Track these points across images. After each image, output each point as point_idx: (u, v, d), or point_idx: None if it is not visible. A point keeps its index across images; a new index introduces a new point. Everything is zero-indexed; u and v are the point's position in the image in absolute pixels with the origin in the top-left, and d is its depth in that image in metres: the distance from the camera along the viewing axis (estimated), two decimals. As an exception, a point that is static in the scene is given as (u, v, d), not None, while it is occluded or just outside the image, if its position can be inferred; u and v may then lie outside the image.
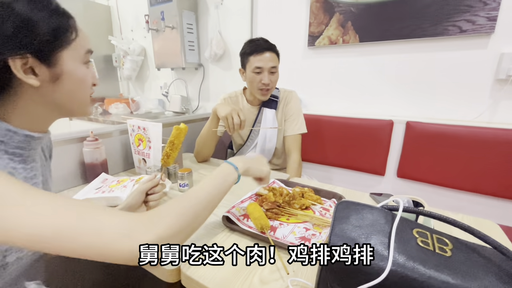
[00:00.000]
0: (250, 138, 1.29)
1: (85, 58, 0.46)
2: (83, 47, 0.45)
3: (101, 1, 2.50)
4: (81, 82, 0.45)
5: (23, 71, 0.39)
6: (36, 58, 0.39)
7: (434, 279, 0.30)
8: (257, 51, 1.09)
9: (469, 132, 1.14)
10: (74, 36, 0.44)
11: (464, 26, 1.15)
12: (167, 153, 0.67)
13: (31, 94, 0.41)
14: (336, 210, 0.40)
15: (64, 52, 0.42)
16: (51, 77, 0.42)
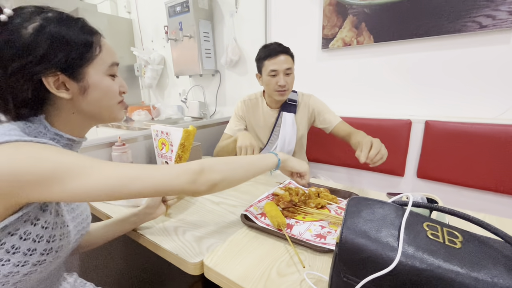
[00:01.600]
0: (271, 141, 1.31)
1: (110, 70, 0.50)
2: (107, 61, 0.49)
3: (123, 15, 2.66)
4: (106, 92, 0.50)
5: (56, 87, 0.44)
6: (65, 74, 0.44)
7: (442, 268, 0.32)
8: (271, 55, 1.13)
9: (492, 130, 1.10)
10: (98, 52, 0.48)
11: (484, 21, 1.12)
12: (179, 155, 0.72)
13: (67, 106, 0.47)
14: (348, 205, 0.42)
15: (90, 67, 0.47)
16: (79, 90, 0.46)
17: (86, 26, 0.47)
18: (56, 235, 0.46)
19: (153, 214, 0.69)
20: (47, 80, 0.43)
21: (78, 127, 0.51)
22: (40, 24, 0.41)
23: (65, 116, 0.48)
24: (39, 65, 0.41)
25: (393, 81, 1.40)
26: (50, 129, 0.46)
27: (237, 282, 0.48)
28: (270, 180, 1.02)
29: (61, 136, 0.48)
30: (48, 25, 0.42)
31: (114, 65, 0.51)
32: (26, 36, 0.40)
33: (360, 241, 0.37)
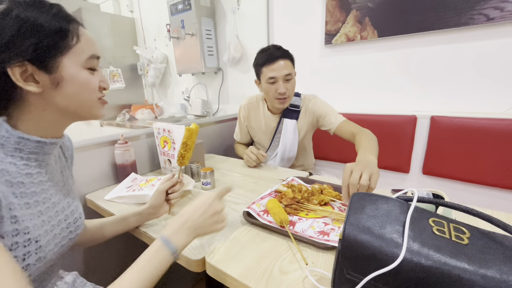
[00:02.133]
0: (271, 148, 1.28)
1: (89, 63, 0.45)
2: (85, 53, 0.45)
3: (126, 14, 2.66)
4: (84, 86, 0.45)
5: (23, 79, 0.39)
6: (34, 65, 0.39)
7: (449, 265, 0.31)
8: (269, 61, 1.06)
9: (499, 125, 1.07)
10: (75, 42, 0.43)
11: (491, 13, 1.09)
12: (182, 154, 0.71)
13: (37, 101, 0.42)
14: (351, 201, 0.41)
15: (64, 57, 0.42)
16: (52, 83, 0.42)
17: (61, 13, 0.42)
18: (18, 256, 0.40)
19: (156, 214, 0.69)
20: (13, 71, 0.38)
21: (51, 125, 0.46)
22: (6, 7, 0.37)
23: (35, 113, 0.43)
24: (4, 53, 0.37)
25: (397, 76, 1.38)
26: (13, 133, 0.41)
27: (239, 279, 0.48)
28: (273, 176, 1.01)
29: (27, 139, 0.43)
30: (16, 8, 0.38)
31: (93, 57, 0.46)
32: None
33: (364, 237, 0.36)
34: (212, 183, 0.92)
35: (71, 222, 0.53)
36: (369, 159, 0.72)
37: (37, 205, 0.45)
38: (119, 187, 0.92)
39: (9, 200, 0.40)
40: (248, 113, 1.30)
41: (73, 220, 0.54)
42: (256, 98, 1.29)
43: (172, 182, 0.70)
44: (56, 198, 0.50)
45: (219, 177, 1.03)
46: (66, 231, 0.52)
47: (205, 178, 0.91)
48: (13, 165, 0.42)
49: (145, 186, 0.86)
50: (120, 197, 0.85)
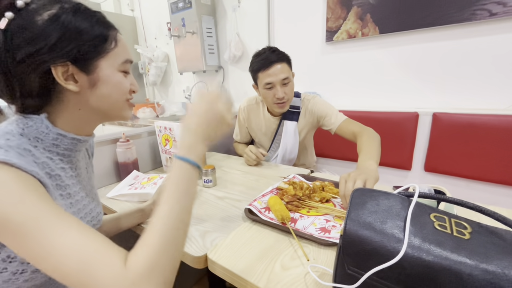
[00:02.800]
0: (272, 149, 1.27)
1: (123, 67, 0.48)
2: (121, 57, 0.48)
3: (127, 13, 2.67)
4: (116, 87, 0.48)
5: (64, 78, 0.42)
6: (75, 66, 0.42)
7: (450, 260, 0.31)
8: (264, 66, 1.02)
9: (502, 121, 1.07)
10: (113, 46, 0.46)
11: (494, 9, 1.08)
12: None
13: (74, 100, 0.45)
14: (352, 197, 0.42)
15: (102, 60, 0.45)
16: (89, 83, 0.45)
17: (102, 20, 0.46)
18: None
19: None
20: (56, 70, 0.41)
21: (84, 124, 0.49)
22: (55, 12, 0.40)
23: (71, 112, 0.46)
24: (49, 53, 0.40)
25: (399, 73, 1.37)
26: (52, 129, 0.44)
27: (241, 275, 0.48)
28: (274, 174, 1.01)
29: (64, 136, 0.46)
30: (64, 14, 0.41)
31: (127, 62, 0.50)
32: (39, 23, 0.39)
33: (365, 233, 0.36)
34: (213, 181, 0.92)
35: (94, 216, 0.55)
36: (367, 166, 0.72)
37: (69, 197, 0.48)
38: (121, 185, 0.92)
39: (50, 189, 0.41)
40: (248, 115, 1.28)
41: (96, 214, 0.56)
42: (256, 100, 1.27)
43: None
44: (83, 193, 0.53)
45: (221, 174, 1.03)
46: (91, 223, 0.54)
47: (207, 176, 0.91)
48: (50, 159, 0.45)
49: (147, 184, 0.86)
50: (122, 195, 0.86)
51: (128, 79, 0.50)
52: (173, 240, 0.37)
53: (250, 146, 1.14)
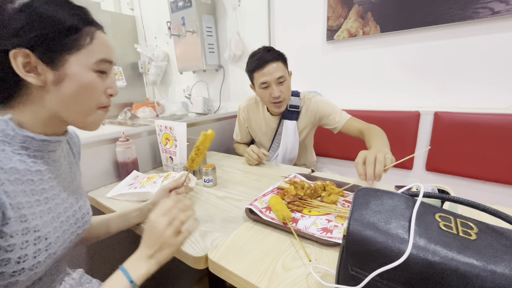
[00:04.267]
0: (272, 149, 1.26)
1: (98, 66, 0.45)
2: (96, 55, 0.44)
3: (126, 12, 2.66)
4: (86, 87, 0.44)
5: (26, 70, 0.39)
6: (37, 56, 0.39)
7: (457, 261, 0.30)
8: (259, 66, 1.02)
9: (503, 121, 1.06)
10: (87, 42, 0.43)
11: (496, 7, 1.08)
12: (192, 158, 0.71)
13: (38, 96, 0.42)
14: (355, 197, 0.41)
15: (72, 55, 0.42)
16: (54, 78, 0.41)
17: (81, 14, 0.43)
18: (29, 254, 0.41)
19: None
20: (15, 58, 0.38)
21: (51, 123, 0.45)
22: (29, 1, 0.38)
23: (36, 110, 0.42)
24: (10, 39, 0.37)
25: (400, 71, 1.36)
26: (19, 131, 0.41)
27: (242, 276, 0.48)
28: (275, 173, 1.00)
29: (32, 138, 0.42)
30: (37, 2, 0.39)
31: (104, 61, 0.45)
32: (9, 10, 0.37)
33: (368, 233, 0.35)
34: (214, 180, 0.92)
35: (79, 217, 0.54)
36: (381, 149, 0.75)
37: (47, 202, 0.46)
38: (121, 185, 0.91)
39: (17, 199, 0.40)
40: (247, 114, 1.29)
41: (81, 215, 0.54)
42: (255, 99, 1.27)
43: (177, 182, 0.70)
44: (65, 194, 0.51)
45: (221, 174, 1.03)
46: (75, 226, 0.52)
47: (207, 176, 0.90)
48: (22, 162, 0.42)
49: (146, 184, 0.86)
50: (122, 195, 0.85)
51: (104, 80, 0.46)
52: None
53: (252, 145, 1.13)
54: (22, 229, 0.40)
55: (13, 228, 0.39)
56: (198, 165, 0.73)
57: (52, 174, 0.48)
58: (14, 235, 0.39)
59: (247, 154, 1.11)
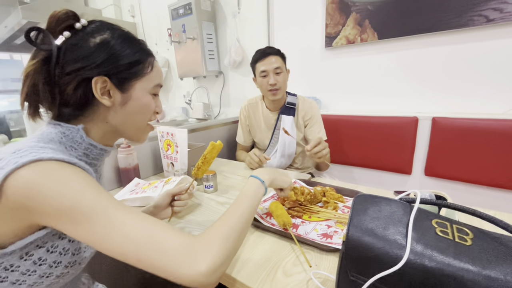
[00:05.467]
0: (271, 144, 1.32)
1: (154, 90, 0.53)
2: (154, 81, 0.53)
3: (127, 19, 2.69)
4: (143, 108, 0.52)
5: (101, 93, 0.47)
6: (113, 83, 0.47)
7: (453, 266, 0.31)
8: (261, 57, 1.18)
9: (501, 126, 1.07)
10: (149, 71, 0.51)
11: (491, 15, 1.10)
12: (198, 166, 0.72)
13: (104, 113, 0.49)
14: (354, 203, 0.42)
15: (137, 82, 0.50)
16: (121, 100, 0.49)
17: (144, 47, 0.52)
18: (81, 247, 0.47)
19: (157, 215, 0.69)
20: (96, 85, 0.45)
21: (108, 136, 0.52)
22: (106, 37, 0.46)
23: (99, 124, 0.50)
24: (94, 70, 0.45)
25: (398, 78, 1.38)
26: (85, 139, 0.48)
27: (243, 281, 0.48)
28: (275, 179, 1.01)
29: (94, 146, 0.49)
30: (113, 39, 0.47)
31: (158, 86, 0.54)
32: (91, 44, 0.45)
33: (367, 239, 0.36)
34: (214, 186, 0.92)
35: None
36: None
37: None
38: (123, 192, 0.92)
39: None
40: (248, 112, 1.37)
41: None
42: (255, 99, 1.37)
43: (182, 189, 0.71)
44: None
45: (221, 180, 1.03)
46: None
47: (208, 181, 0.91)
48: None
49: (148, 188, 0.87)
50: (124, 200, 0.86)
51: (154, 101, 0.55)
52: (239, 233, 0.44)
53: (253, 149, 1.16)
54: None
55: None
56: (203, 174, 0.74)
57: (98, 181, 0.52)
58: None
59: (249, 158, 1.14)
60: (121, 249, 0.36)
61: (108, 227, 0.36)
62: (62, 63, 0.44)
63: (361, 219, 0.38)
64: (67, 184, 0.37)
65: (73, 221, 0.36)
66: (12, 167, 0.35)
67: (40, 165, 0.36)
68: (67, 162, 0.39)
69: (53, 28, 0.45)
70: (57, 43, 0.44)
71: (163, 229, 0.38)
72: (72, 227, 0.36)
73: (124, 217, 0.37)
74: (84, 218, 0.36)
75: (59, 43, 0.44)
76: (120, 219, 0.37)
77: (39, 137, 0.44)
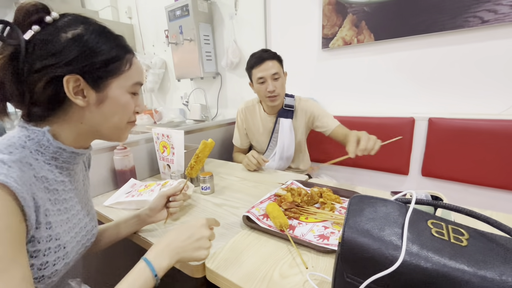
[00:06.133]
0: (270, 148, 1.31)
1: (133, 88, 0.50)
2: (133, 79, 0.50)
3: (125, 20, 2.69)
4: (121, 108, 0.49)
5: (74, 92, 0.43)
6: (87, 82, 0.44)
7: (448, 267, 0.31)
8: (257, 63, 1.13)
9: (497, 126, 1.08)
10: (127, 68, 0.48)
11: (485, 16, 1.11)
12: (191, 165, 0.72)
13: (78, 114, 0.46)
14: (350, 204, 0.42)
15: (114, 80, 0.47)
16: (96, 100, 0.46)
17: (121, 43, 0.48)
18: (49, 261, 0.43)
19: (153, 218, 0.69)
20: (68, 83, 0.42)
21: (83, 137, 0.49)
22: (79, 32, 0.43)
23: (73, 125, 0.47)
24: (65, 67, 0.42)
25: (395, 78, 1.39)
26: (53, 143, 0.45)
27: (240, 284, 0.48)
28: (272, 180, 1.01)
29: (64, 149, 0.46)
30: (87, 34, 0.44)
31: (137, 84, 0.51)
32: (62, 40, 0.42)
33: (363, 240, 0.36)
34: (211, 188, 0.92)
35: (89, 230, 0.55)
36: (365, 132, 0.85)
37: (66, 212, 0.48)
38: (118, 193, 0.91)
39: (46, 206, 0.42)
40: (245, 116, 1.35)
41: (91, 228, 0.56)
42: (252, 102, 1.34)
43: (176, 190, 0.70)
44: (79, 206, 0.53)
45: (218, 181, 1.03)
46: (85, 238, 0.54)
47: (204, 183, 0.91)
48: (50, 172, 0.45)
49: (144, 192, 0.86)
50: (119, 203, 0.85)
51: (134, 100, 0.52)
52: None
53: (251, 151, 1.16)
54: (46, 236, 0.42)
55: (40, 234, 0.41)
56: (197, 173, 0.74)
57: (72, 185, 0.51)
58: (40, 241, 0.41)
59: (246, 159, 1.13)
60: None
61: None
62: (31, 60, 0.41)
63: (356, 220, 0.38)
64: None
65: None
66: None
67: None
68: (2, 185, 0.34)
69: (21, 21, 0.41)
70: (25, 38, 0.40)
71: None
72: None
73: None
74: None
75: (27, 37, 0.40)
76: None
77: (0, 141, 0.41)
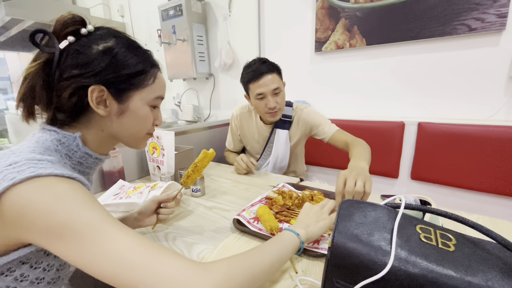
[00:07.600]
0: (263, 157, 1.27)
1: (154, 102, 0.52)
2: (155, 93, 0.51)
3: (116, 19, 2.64)
4: (140, 120, 0.51)
5: (96, 102, 0.45)
6: (111, 93, 0.46)
7: (436, 273, 0.31)
8: (255, 78, 1.04)
9: (484, 131, 1.11)
10: (151, 82, 0.50)
11: (473, 24, 1.14)
12: (188, 174, 0.70)
13: (99, 122, 0.48)
14: (340, 208, 0.41)
15: (136, 93, 0.48)
16: (118, 111, 0.47)
17: (148, 57, 0.50)
18: (67, 263, 0.45)
19: (141, 222, 0.67)
20: (92, 93, 0.44)
21: (105, 144, 0.51)
22: (110, 46, 0.45)
23: (94, 132, 0.48)
24: (92, 78, 0.44)
25: (385, 83, 1.41)
26: (81, 148, 0.46)
27: (228, 289, 0.47)
28: (264, 183, 1.01)
29: (90, 155, 0.48)
30: (117, 48, 0.46)
31: (159, 98, 0.53)
32: (94, 51, 0.44)
33: (352, 245, 0.36)
34: (202, 190, 0.91)
35: None
36: (361, 166, 0.72)
37: None
38: (106, 195, 0.89)
39: None
40: (240, 122, 1.29)
41: None
42: (248, 108, 1.28)
43: (169, 196, 0.69)
44: None
45: (209, 183, 1.02)
46: None
47: (195, 185, 0.89)
48: None
49: (132, 194, 0.84)
50: (107, 205, 0.83)
51: (154, 113, 0.53)
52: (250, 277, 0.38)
53: (241, 154, 1.13)
54: None
55: None
56: (192, 182, 0.72)
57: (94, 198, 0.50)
58: None
59: (236, 163, 1.11)
60: (114, 273, 0.33)
61: (102, 247, 0.34)
62: (62, 68, 0.43)
63: (346, 225, 0.38)
64: (63, 200, 0.35)
65: (63, 239, 0.33)
66: (9, 183, 0.33)
67: (38, 182, 0.34)
68: (66, 177, 0.37)
69: (58, 31, 0.44)
70: (60, 47, 0.43)
71: (161, 252, 0.35)
72: (62, 246, 0.34)
73: (120, 237, 0.35)
74: (76, 237, 0.33)
75: (63, 47, 0.43)
76: (115, 239, 0.34)
77: (35, 145, 0.41)
